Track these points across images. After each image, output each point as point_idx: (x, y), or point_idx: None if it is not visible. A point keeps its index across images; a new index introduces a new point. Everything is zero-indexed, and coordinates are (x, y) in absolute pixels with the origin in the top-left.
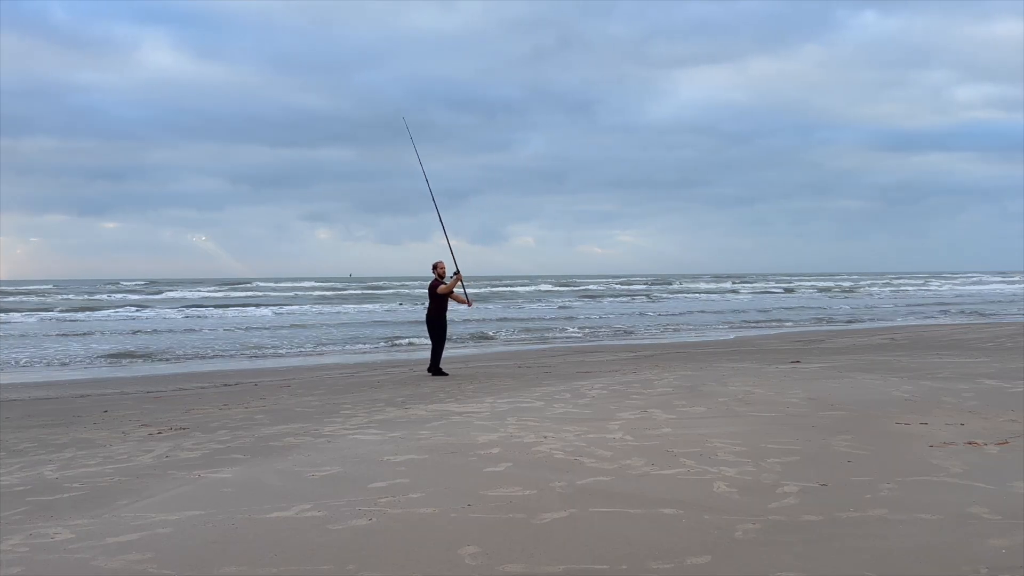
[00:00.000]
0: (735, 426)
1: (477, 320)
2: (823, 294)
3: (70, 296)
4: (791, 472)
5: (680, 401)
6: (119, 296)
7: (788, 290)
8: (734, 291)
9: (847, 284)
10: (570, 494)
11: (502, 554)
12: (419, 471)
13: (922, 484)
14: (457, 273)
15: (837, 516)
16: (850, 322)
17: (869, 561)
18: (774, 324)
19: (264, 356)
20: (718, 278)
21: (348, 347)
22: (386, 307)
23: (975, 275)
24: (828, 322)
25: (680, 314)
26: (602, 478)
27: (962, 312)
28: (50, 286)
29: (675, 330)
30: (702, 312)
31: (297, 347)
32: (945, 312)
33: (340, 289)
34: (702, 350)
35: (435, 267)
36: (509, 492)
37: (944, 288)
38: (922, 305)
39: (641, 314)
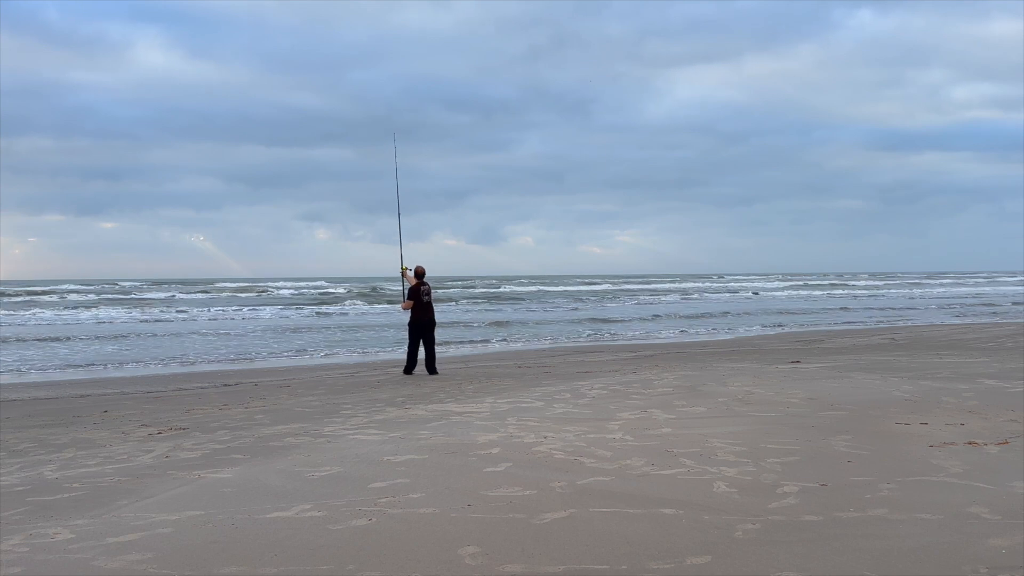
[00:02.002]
0: (735, 426)
1: (477, 321)
2: (860, 295)
3: (69, 296)
4: (791, 472)
5: (680, 401)
6: (118, 296)
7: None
8: (731, 291)
9: (882, 285)
10: (570, 494)
11: (502, 554)
12: (419, 471)
13: (922, 484)
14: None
15: (837, 516)
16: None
17: (869, 561)
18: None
19: (264, 356)
20: (720, 277)
21: (348, 347)
22: (386, 308)
23: (986, 275)
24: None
25: (713, 315)
26: (602, 478)
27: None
28: (48, 286)
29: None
30: (725, 313)
31: (297, 347)
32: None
33: (341, 289)
34: (702, 350)
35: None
36: (509, 492)
37: (992, 289)
38: (978, 305)
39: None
